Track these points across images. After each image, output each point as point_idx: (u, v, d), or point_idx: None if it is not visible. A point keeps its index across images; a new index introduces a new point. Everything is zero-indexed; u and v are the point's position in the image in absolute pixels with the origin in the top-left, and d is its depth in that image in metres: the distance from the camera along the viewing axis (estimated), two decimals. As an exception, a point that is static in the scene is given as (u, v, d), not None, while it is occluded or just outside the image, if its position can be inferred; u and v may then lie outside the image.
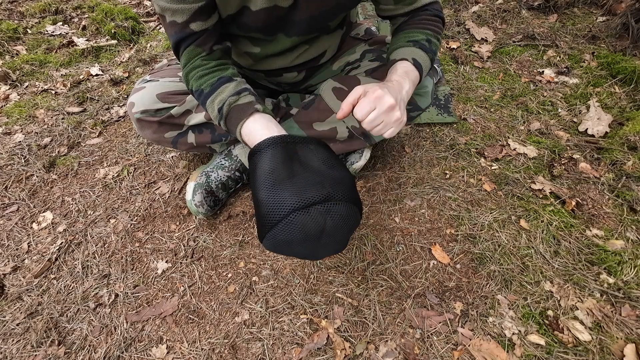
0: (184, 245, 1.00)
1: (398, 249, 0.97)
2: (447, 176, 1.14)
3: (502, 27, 1.82)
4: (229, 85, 0.75)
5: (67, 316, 0.88)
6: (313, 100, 0.98)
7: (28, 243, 1.03)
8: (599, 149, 1.17)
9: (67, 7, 2.25)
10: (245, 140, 0.71)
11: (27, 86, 1.65)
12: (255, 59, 0.90)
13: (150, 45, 1.92)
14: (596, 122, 1.24)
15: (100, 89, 1.61)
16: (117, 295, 0.91)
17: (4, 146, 1.32)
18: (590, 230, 0.97)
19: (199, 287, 0.92)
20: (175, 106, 0.92)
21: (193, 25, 0.71)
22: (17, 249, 1.02)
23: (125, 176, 1.21)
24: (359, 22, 1.09)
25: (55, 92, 1.59)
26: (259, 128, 0.68)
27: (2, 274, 0.96)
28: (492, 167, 1.15)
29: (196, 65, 0.76)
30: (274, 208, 0.58)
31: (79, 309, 0.89)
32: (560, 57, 1.57)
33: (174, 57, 1.17)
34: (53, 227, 1.07)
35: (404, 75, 0.72)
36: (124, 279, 0.94)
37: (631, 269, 0.88)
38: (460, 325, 0.82)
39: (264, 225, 0.59)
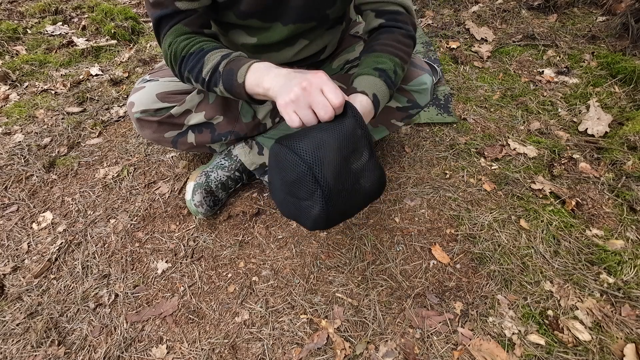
0: (184, 245, 1.00)
1: (398, 249, 0.97)
2: (447, 176, 1.14)
3: (502, 27, 1.82)
4: (234, 50, 0.72)
5: (67, 316, 0.88)
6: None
7: (28, 243, 1.03)
8: (599, 148, 1.17)
9: (67, 7, 2.25)
10: (253, 72, 0.65)
11: (27, 86, 1.65)
12: (252, 50, 0.89)
13: (150, 45, 1.92)
14: (596, 122, 1.24)
15: (100, 89, 1.61)
16: (117, 295, 0.91)
17: (4, 146, 1.32)
18: (590, 230, 0.97)
19: (199, 287, 0.92)
20: (175, 106, 0.92)
21: (179, 3, 0.68)
22: (17, 249, 1.02)
23: (125, 176, 1.21)
24: (359, 21, 1.09)
25: (55, 92, 1.59)
26: (269, 65, 0.65)
27: (2, 274, 0.96)
28: (492, 167, 1.15)
29: (184, 39, 0.71)
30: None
31: (79, 309, 0.89)
32: (560, 57, 1.57)
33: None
34: (53, 227, 1.07)
35: None
36: (124, 279, 0.94)
37: (631, 268, 0.88)
38: (460, 325, 0.82)
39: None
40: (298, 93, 0.57)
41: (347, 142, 0.59)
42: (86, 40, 1.97)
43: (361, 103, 0.68)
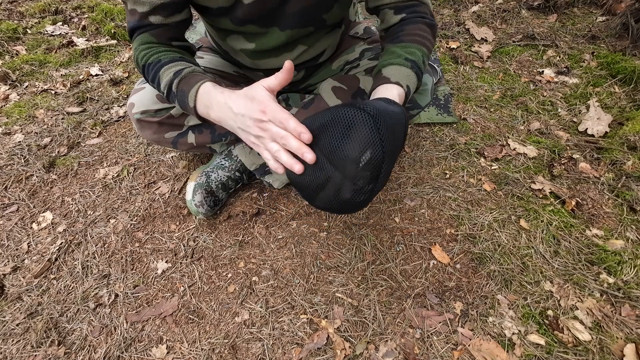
0: (184, 245, 1.00)
1: (398, 249, 0.97)
2: (447, 176, 1.14)
3: (502, 27, 1.82)
4: (190, 64, 0.73)
5: (67, 316, 0.88)
6: (313, 100, 0.98)
7: (28, 243, 1.03)
8: (599, 148, 1.17)
9: (67, 7, 2.25)
10: (201, 98, 0.65)
11: (26, 86, 1.65)
12: (251, 56, 0.89)
13: (150, 45, 1.92)
14: (596, 122, 1.24)
15: (100, 89, 1.61)
16: (117, 295, 0.91)
17: (4, 146, 1.32)
18: (590, 230, 0.97)
19: (199, 287, 0.92)
20: (175, 106, 0.92)
21: (152, 17, 0.72)
22: (17, 249, 1.02)
23: (125, 176, 1.21)
24: (359, 21, 1.09)
25: (55, 92, 1.59)
26: (219, 90, 0.65)
27: (2, 274, 0.96)
28: (492, 167, 1.15)
29: (145, 49, 0.74)
30: None
31: (79, 309, 0.89)
32: (560, 57, 1.57)
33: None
34: (53, 227, 1.07)
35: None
36: (124, 279, 0.94)
37: (631, 268, 0.88)
38: (460, 325, 0.82)
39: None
40: (257, 133, 0.57)
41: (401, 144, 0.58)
42: (86, 40, 1.97)
43: (399, 95, 0.65)
